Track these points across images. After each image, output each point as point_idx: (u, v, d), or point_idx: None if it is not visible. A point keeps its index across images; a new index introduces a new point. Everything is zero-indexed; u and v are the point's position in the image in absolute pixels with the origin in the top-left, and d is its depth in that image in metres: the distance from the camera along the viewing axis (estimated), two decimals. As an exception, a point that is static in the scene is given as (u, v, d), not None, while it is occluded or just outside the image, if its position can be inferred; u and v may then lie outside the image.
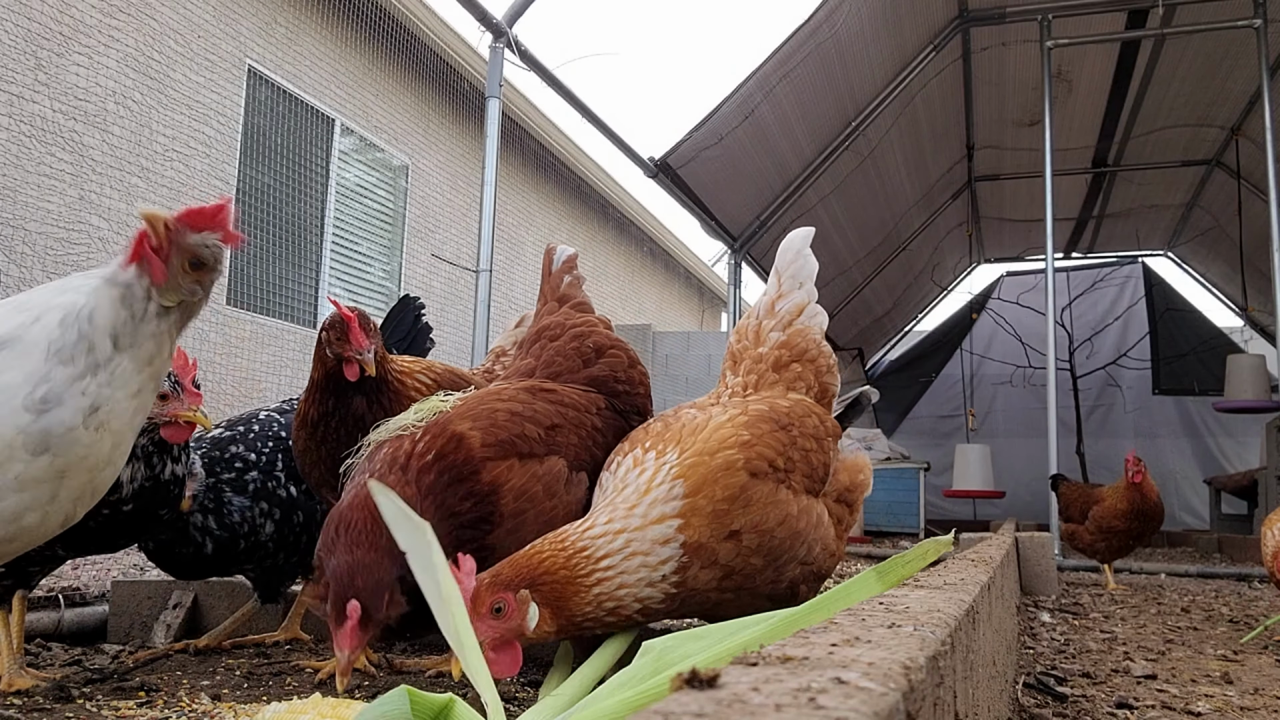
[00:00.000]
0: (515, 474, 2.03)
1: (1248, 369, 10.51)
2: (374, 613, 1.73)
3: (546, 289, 2.65)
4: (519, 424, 2.07)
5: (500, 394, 2.19)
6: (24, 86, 6.50)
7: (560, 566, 1.71)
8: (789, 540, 1.88)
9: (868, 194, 10.26)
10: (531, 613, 1.67)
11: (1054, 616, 4.43)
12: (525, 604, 1.67)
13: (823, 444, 2.08)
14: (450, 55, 10.64)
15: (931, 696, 0.87)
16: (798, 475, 1.94)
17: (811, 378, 2.29)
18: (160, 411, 2.37)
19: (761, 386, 2.23)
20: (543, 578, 1.70)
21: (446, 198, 11.59)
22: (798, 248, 2.43)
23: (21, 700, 2.19)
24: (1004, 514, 11.60)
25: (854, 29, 7.51)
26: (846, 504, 2.16)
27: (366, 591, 1.73)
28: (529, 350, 2.50)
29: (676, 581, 1.76)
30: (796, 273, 2.40)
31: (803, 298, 2.38)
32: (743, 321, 2.43)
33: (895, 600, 1.36)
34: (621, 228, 16.82)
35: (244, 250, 8.49)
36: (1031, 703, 2.45)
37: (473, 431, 2.02)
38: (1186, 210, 12.42)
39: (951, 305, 14.96)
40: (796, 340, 2.32)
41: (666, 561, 1.74)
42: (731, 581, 1.82)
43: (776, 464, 1.88)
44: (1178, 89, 9.48)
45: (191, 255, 1.68)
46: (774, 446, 1.90)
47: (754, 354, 2.31)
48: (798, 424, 2.03)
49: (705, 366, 14.67)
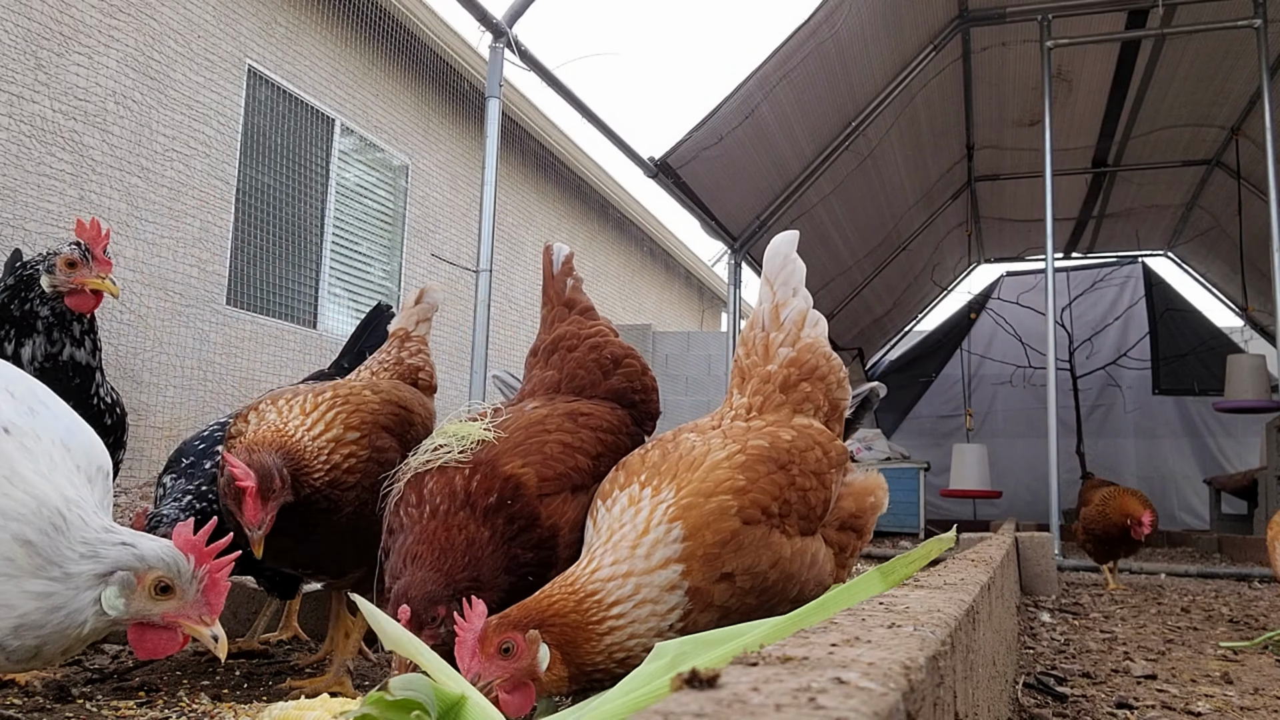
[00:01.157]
0: (570, 508, 2.04)
1: (1248, 369, 10.51)
2: (425, 620, 1.84)
3: (551, 292, 2.64)
4: (571, 456, 2.08)
5: (545, 423, 2.18)
6: (24, 86, 6.50)
7: (571, 610, 1.69)
8: (781, 581, 1.86)
9: (868, 194, 10.25)
10: (542, 653, 1.66)
11: (1054, 616, 4.43)
12: (535, 644, 1.66)
13: (824, 479, 2.03)
14: (450, 55, 10.63)
15: (931, 696, 0.87)
16: (793, 519, 1.91)
17: (821, 397, 2.23)
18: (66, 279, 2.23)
19: (767, 409, 2.17)
20: (553, 619, 1.68)
21: (446, 198, 11.59)
22: (785, 252, 2.36)
23: (21, 700, 2.19)
24: (1003, 514, 11.61)
25: (854, 29, 7.51)
26: (853, 530, 2.11)
27: (416, 601, 1.85)
28: (547, 361, 2.50)
29: (681, 628, 1.74)
30: (788, 278, 2.35)
31: (802, 305, 2.33)
32: (748, 332, 2.35)
33: (895, 600, 1.36)
34: (621, 228, 16.81)
35: (244, 250, 8.49)
36: (1031, 703, 2.45)
37: (525, 470, 2.02)
38: (1186, 210, 12.42)
39: (951, 305, 14.99)
40: (806, 357, 2.26)
41: (674, 610, 1.74)
42: (728, 622, 1.79)
43: (771, 510, 1.86)
44: (1178, 89, 9.48)
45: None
46: (770, 491, 1.87)
47: (762, 372, 2.24)
48: (798, 461, 1.98)
49: (705, 366, 14.67)
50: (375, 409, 2.42)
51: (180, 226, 7.74)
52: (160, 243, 7.52)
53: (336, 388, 2.46)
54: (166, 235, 7.59)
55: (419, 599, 1.84)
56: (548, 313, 2.62)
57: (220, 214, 8.18)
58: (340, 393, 2.41)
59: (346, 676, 2.42)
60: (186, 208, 7.82)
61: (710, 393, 14.23)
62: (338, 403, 2.37)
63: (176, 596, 1.66)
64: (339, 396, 2.39)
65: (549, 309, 2.62)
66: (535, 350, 2.57)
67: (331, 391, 2.41)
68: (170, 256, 7.60)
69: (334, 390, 2.43)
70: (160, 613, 1.66)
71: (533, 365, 2.54)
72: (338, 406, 2.35)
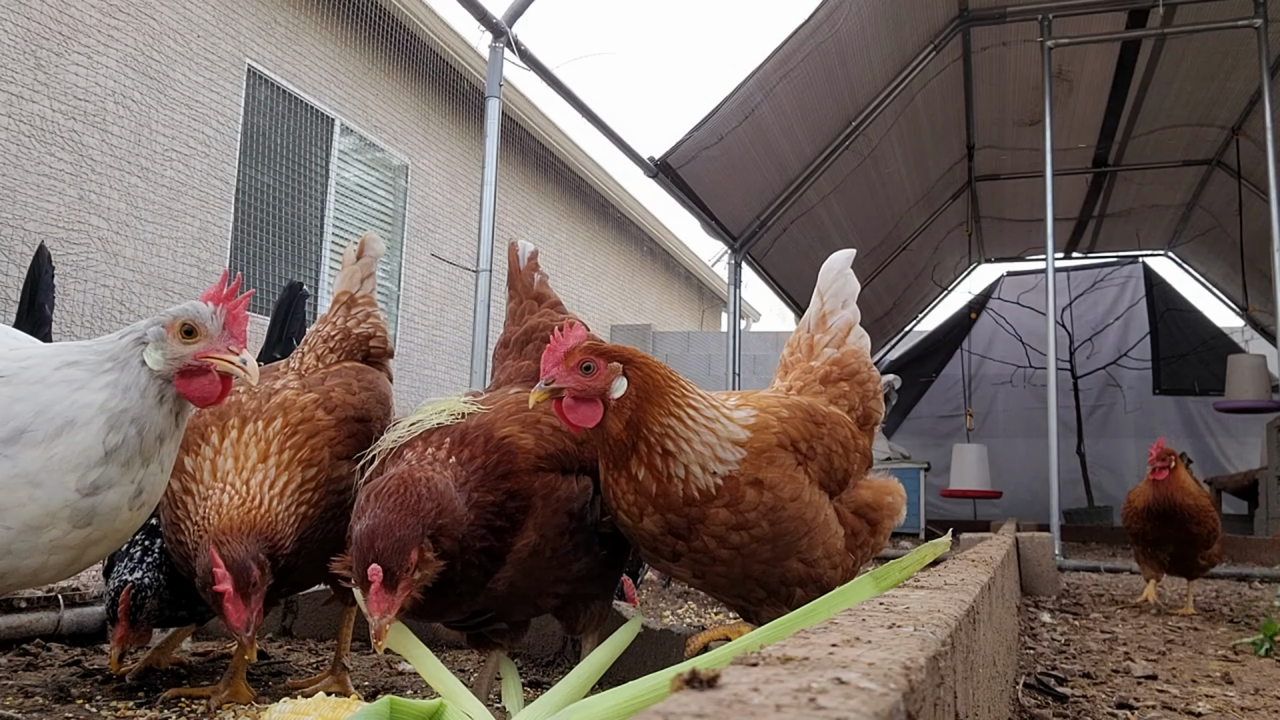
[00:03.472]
0: (562, 486, 2.00)
1: (1248, 369, 10.51)
2: (399, 573, 1.67)
3: (519, 286, 2.63)
4: (560, 439, 2.05)
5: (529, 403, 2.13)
6: (24, 86, 6.50)
7: (663, 376, 1.86)
8: (795, 523, 1.92)
9: (868, 194, 10.25)
10: (618, 383, 1.82)
11: (1054, 616, 4.43)
12: (614, 373, 1.82)
13: (848, 453, 2.14)
14: (450, 55, 10.63)
15: (932, 697, 0.87)
16: (816, 465, 2.02)
17: (857, 399, 2.33)
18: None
19: (807, 393, 2.29)
20: (643, 362, 1.85)
21: (446, 197, 11.59)
22: (839, 268, 2.47)
23: (21, 700, 2.19)
24: (1003, 514, 11.60)
25: (854, 29, 7.51)
26: (868, 520, 2.16)
27: (387, 553, 1.67)
28: (522, 350, 2.48)
29: (719, 487, 1.85)
30: (839, 291, 2.45)
31: (850, 316, 2.43)
32: (794, 336, 2.48)
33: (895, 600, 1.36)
34: (621, 227, 16.81)
35: (244, 250, 8.49)
36: (1032, 703, 2.45)
37: (524, 436, 1.99)
38: (1187, 210, 12.42)
39: (951, 305, 14.98)
40: (849, 360, 2.37)
41: (725, 462, 1.87)
42: (736, 537, 1.88)
43: (799, 446, 1.99)
44: (1178, 89, 9.48)
45: None
46: (801, 430, 2.02)
47: (805, 366, 2.37)
48: (829, 426, 2.11)
49: (705, 366, 14.67)
50: (331, 436, 2.23)
51: (180, 226, 7.74)
52: (160, 243, 7.52)
53: (286, 410, 2.21)
54: (166, 235, 7.59)
55: (387, 549, 1.67)
56: (516, 306, 2.61)
57: (220, 214, 8.18)
58: (291, 419, 2.19)
59: (345, 675, 2.41)
60: (186, 207, 7.82)
61: (710, 393, 14.21)
62: (288, 434, 2.16)
63: (202, 336, 1.85)
64: (289, 425, 2.18)
65: (517, 302, 2.61)
66: (506, 342, 2.54)
67: (281, 417, 2.18)
68: (170, 256, 7.60)
69: (284, 415, 2.20)
70: (191, 353, 1.83)
71: (505, 356, 2.51)
72: (290, 440, 2.15)
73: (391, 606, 1.67)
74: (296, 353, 2.60)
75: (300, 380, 2.39)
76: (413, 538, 1.69)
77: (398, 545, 1.67)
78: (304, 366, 2.50)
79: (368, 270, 2.78)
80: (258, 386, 2.24)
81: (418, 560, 1.70)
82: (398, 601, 1.68)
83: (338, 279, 2.80)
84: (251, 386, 2.08)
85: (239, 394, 2.25)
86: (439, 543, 1.73)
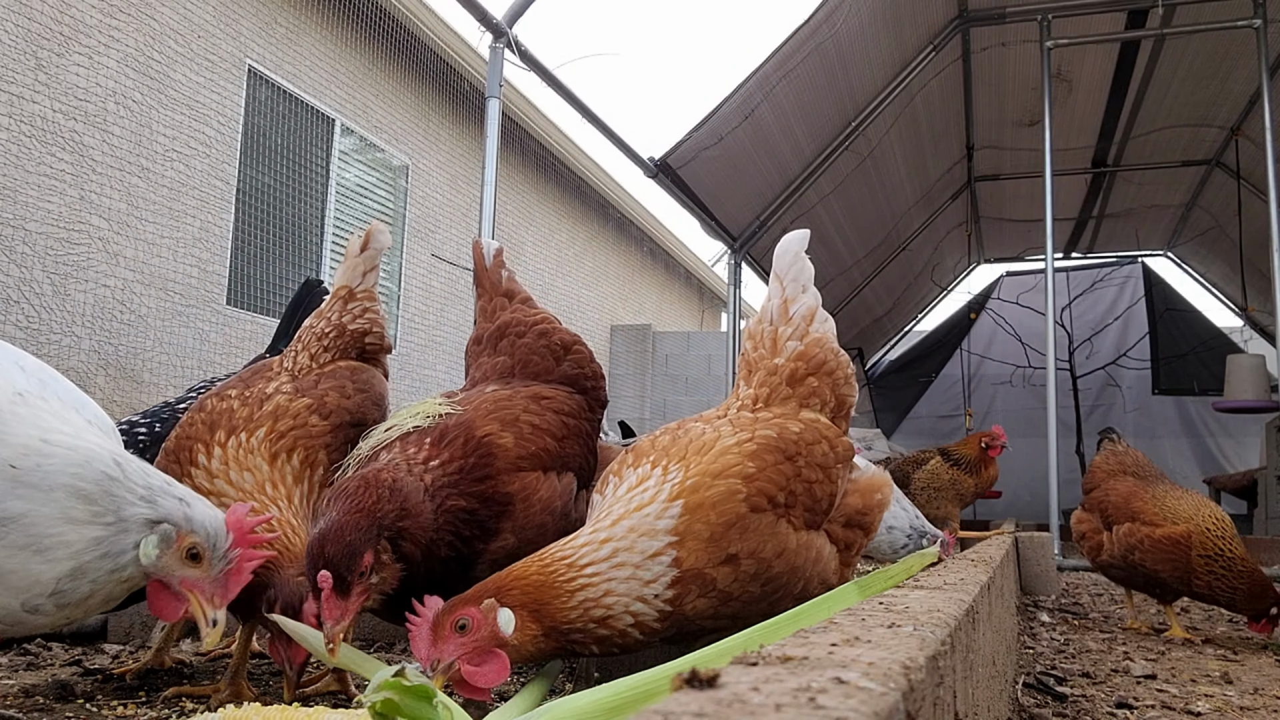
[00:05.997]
0: (543, 486, 1.98)
1: (1247, 369, 10.50)
2: (350, 578, 1.60)
3: (487, 283, 2.61)
4: (540, 437, 2.03)
5: (511, 403, 2.12)
6: (24, 86, 6.50)
7: (534, 573, 1.65)
8: (786, 574, 1.84)
9: (868, 194, 10.25)
10: (504, 617, 1.60)
11: (1054, 616, 4.43)
12: (491, 611, 1.61)
13: (830, 473, 2.02)
14: (450, 55, 10.63)
15: (931, 696, 0.87)
16: (799, 510, 1.90)
17: (828, 392, 2.22)
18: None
19: (774, 401, 2.15)
20: (511, 585, 1.64)
21: (446, 198, 11.59)
22: (795, 250, 2.35)
23: (21, 700, 2.19)
24: (1003, 514, 11.59)
25: (854, 29, 7.51)
26: (859, 527, 2.09)
27: (338, 557, 1.60)
28: (496, 347, 2.46)
29: (671, 599, 1.70)
30: (797, 275, 2.34)
31: (811, 301, 2.32)
32: (756, 326, 2.33)
33: (895, 600, 1.36)
34: (621, 228, 16.80)
35: (244, 250, 8.49)
36: (1031, 702, 2.45)
37: (504, 435, 1.96)
38: (1186, 210, 12.42)
39: (951, 305, 14.98)
40: (814, 351, 2.24)
41: (658, 579, 1.68)
42: (728, 609, 1.78)
43: (778, 500, 1.85)
44: (1178, 89, 9.47)
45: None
46: (777, 481, 1.86)
47: (769, 365, 2.23)
48: (805, 454, 1.97)
49: (705, 366, 14.66)
50: (327, 442, 2.19)
51: (180, 226, 7.74)
52: (160, 243, 7.52)
53: (277, 417, 2.16)
54: (166, 235, 7.59)
55: (338, 554, 1.60)
56: (486, 303, 2.59)
57: (220, 214, 8.18)
58: (280, 427, 2.14)
59: (346, 674, 2.41)
60: (187, 208, 7.82)
61: (710, 393, 14.23)
62: (283, 439, 2.12)
63: (202, 568, 1.71)
64: (278, 433, 2.13)
65: (487, 299, 2.60)
66: (479, 339, 2.52)
67: (269, 427, 2.13)
68: (170, 256, 7.60)
69: (272, 421, 2.15)
70: (181, 578, 1.70)
71: (478, 353, 2.49)
72: (288, 448, 2.11)
73: (345, 614, 1.60)
74: (289, 350, 2.55)
75: (293, 383, 2.34)
76: (365, 540, 1.61)
77: (348, 549, 1.60)
78: (297, 366, 2.45)
79: (371, 263, 2.73)
80: (248, 390, 2.22)
81: (373, 564, 1.62)
82: (351, 609, 1.61)
83: (339, 272, 2.73)
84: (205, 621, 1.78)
85: (231, 400, 2.23)
86: (399, 546, 1.65)
